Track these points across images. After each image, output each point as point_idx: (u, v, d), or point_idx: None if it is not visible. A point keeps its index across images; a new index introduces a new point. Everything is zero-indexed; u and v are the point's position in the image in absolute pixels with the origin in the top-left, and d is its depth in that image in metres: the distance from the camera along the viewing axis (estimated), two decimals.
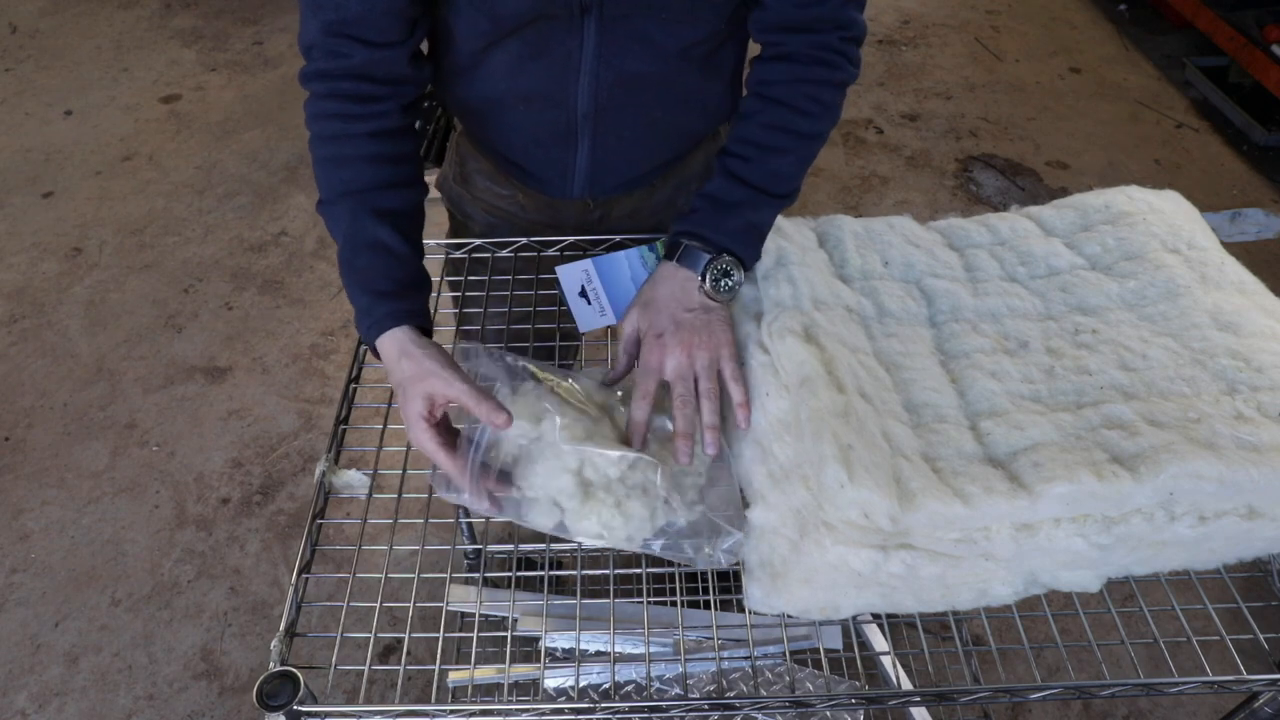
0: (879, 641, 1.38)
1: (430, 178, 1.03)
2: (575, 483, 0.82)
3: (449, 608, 1.15)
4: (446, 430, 0.85)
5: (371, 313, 0.87)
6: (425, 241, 1.16)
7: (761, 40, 0.99)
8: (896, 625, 1.69)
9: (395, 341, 0.85)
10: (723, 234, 0.93)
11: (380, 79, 0.90)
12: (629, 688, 1.17)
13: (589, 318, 1.06)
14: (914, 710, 1.36)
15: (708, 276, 0.91)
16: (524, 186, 1.16)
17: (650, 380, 0.88)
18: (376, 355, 0.89)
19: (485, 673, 1.23)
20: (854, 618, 1.15)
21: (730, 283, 0.92)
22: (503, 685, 1.25)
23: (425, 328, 0.89)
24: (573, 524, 0.83)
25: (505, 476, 0.84)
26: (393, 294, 0.88)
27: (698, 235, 0.93)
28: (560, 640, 1.19)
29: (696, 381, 0.87)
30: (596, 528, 0.82)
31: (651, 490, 0.83)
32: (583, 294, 1.07)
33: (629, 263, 1.08)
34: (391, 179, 0.91)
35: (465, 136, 1.19)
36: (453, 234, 1.29)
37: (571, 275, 1.08)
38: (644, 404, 0.87)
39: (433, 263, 1.18)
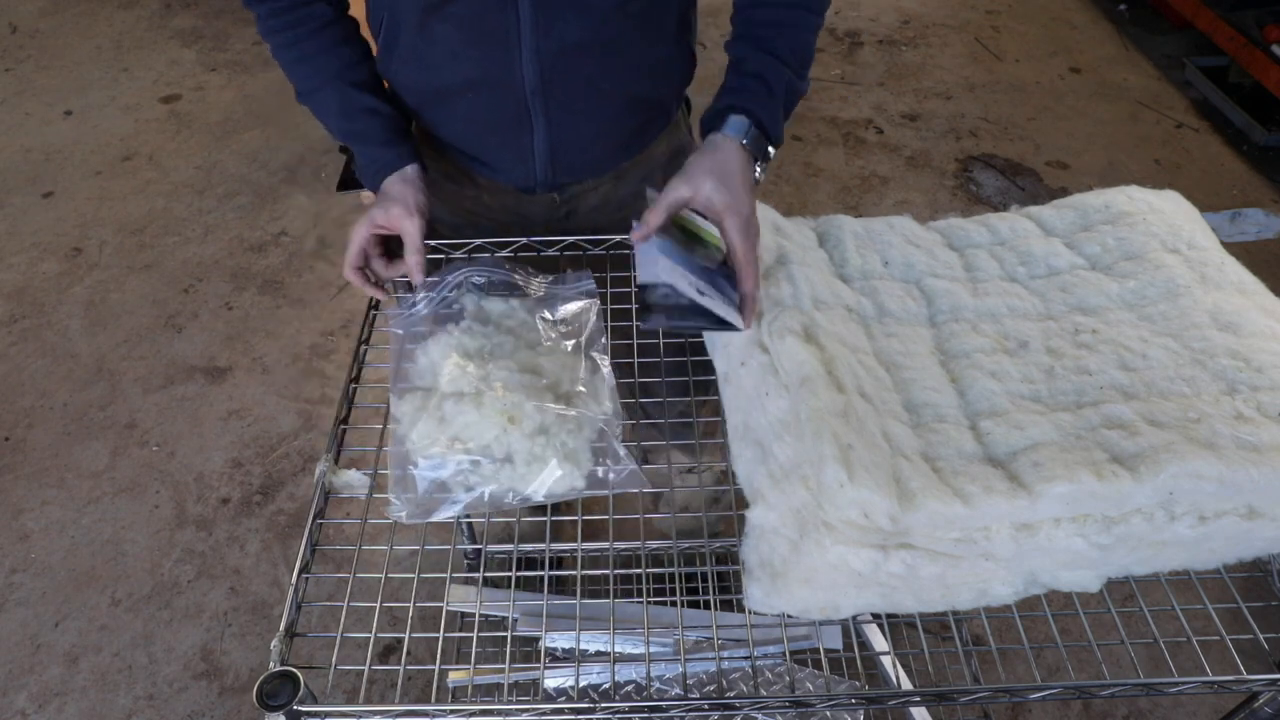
0: (879, 641, 1.38)
1: None
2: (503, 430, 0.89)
3: (449, 608, 1.15)
4: (382, 246, 1.03)
5: (377, 160, 1.05)
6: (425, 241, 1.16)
7: None
8: (896, 625, 1.69)
9: (400, 173, 1.04)
10: (778, 126, 0.97)
11: None
12: (629, 688, 1.17)
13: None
14: (914, 710, 1.36)
15: (757, 167, 0.97)
16: (488, 182, 1.15)
17: (757, 266, 0.91)
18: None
19: (485, 673, 1.23)
20: (854, 618, 1.15)
21: (763, 174, 0.99)
22: (503, 685, 1.25)
23: (423, 164, 1.07)
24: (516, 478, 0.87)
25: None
26: (391, 143, 1.06)
27: (759, 122, 0.95)
28: (560, 640, 1.18)
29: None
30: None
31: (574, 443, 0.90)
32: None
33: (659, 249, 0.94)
34: (353, 57, 1.07)
35: (425, 139, 1.18)
36: None
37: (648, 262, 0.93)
38: (756, 277, 0.90)
39: (432, 262, 1.19)
